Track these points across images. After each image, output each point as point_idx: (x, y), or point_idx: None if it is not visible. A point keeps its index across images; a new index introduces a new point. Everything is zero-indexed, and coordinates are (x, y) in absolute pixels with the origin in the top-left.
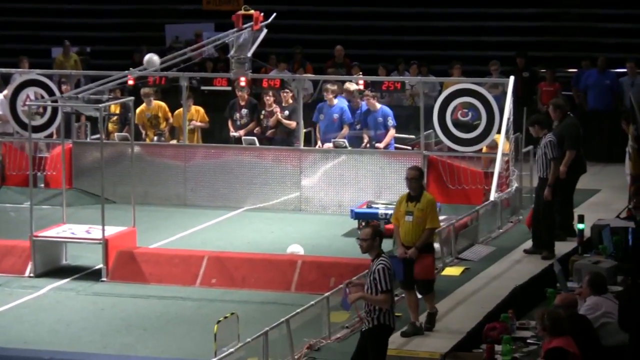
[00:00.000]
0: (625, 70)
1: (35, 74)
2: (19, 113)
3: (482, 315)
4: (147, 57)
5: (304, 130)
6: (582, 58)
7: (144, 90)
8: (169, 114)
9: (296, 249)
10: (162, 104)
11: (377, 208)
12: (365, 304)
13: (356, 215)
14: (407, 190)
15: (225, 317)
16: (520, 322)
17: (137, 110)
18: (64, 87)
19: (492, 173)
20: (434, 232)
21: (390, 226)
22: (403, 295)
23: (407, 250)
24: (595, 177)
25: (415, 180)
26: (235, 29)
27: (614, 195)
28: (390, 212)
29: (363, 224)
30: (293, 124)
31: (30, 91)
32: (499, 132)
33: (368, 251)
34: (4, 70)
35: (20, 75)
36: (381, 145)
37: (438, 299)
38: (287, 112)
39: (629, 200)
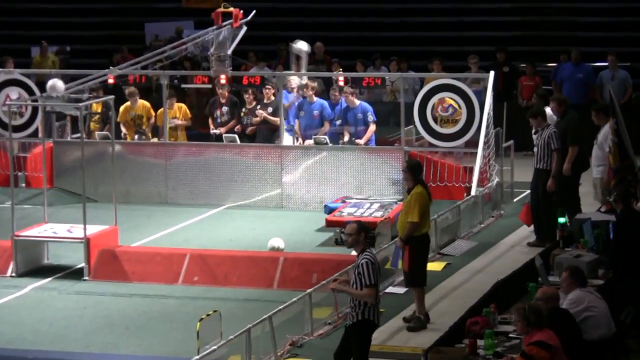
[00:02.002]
0: (606, 63)
1: (17, 74)
2: None
3: (464, 310)
4: (51, 82)
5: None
6: (561, 52)
7: (129, 90)
8: (153, 113)
9: (277, 242)
10: (147, 103)
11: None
12: (350, 299)
13: (330, 210)
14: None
15: (208, 315)
16: (502, 316)
17: (121, 109)
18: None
19: (472, 168)
20: (416, 226)
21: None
22: (387, 291)
23: None
24: None
25: (404, 172)
26: (215, 27)
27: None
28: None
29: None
30: (278, 120)
31: (11, 91)
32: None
33: (353, 246)
34: None
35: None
36: (362, 141)
37: None
38: (270, 109)
39: (603, 194)
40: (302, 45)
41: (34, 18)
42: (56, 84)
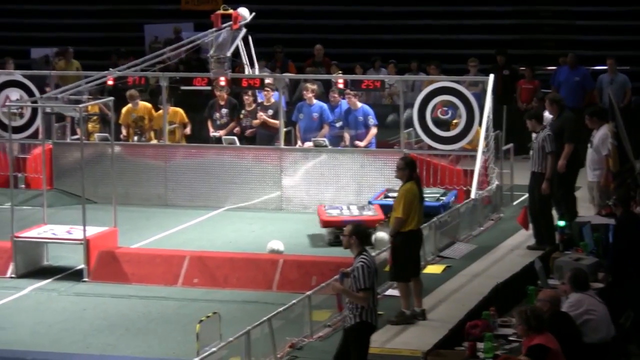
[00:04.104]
0: (605, 67)
1: (18, 75)
2: None
3: (464, 313)
4: None
5: (285, 129)
6: (560, 55)
7: (129, 92)
8: (154, 115)
9: (276, 245)
10: (149, 105)
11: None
12: (348, 301)
13: None
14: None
15: (207, 317)
16: (502, 319)
17: (123, 110)
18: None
19: (472, 171)
20: (400, 221)
21: None
22: (386, 293)
23: None
24: None
25: (397, 169)
26: (214, 29)
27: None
28: None
29: None
30: (278, 123)
31: (11, 92)
32: (479, 125)
33: (348, 248)
34: None
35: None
36: (362, 143)
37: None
38: (270, 112)
39: (601, 197)
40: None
41: (33, 19)
42: None
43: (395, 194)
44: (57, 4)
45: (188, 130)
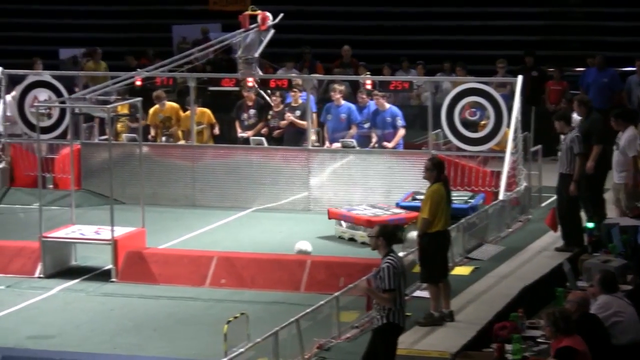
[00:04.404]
0: (634, 68)
1: (47, 76)
2: (27, 114)
3: (492, 315)
4: None
5: (313, 130)
6: (588, 57)
7: (155, 93)
8: (181, 116)
9: (304, 245)
10: (176, 105)
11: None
12: (376, 302)
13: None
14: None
15: (235, 317)
16: (530, 321)
17: (151, 111)
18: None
19: (500, 172)
20: (427, 222)
21: None
22: (414, 294)
23: None
24: None
25: (424, 170)
26: (242, 30)
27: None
28: None
29: None
30: (305, 123)
31: (39, 92)
32: (508, 126)
33: (376, 249)
34: (12, 71)
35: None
36: (390, 144)
37: None
38: (298, 112)
39: (629, 200)
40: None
41: (62, 20)
42: None
43: (422, 197)
44: (85, 4)
45: (217, 130)
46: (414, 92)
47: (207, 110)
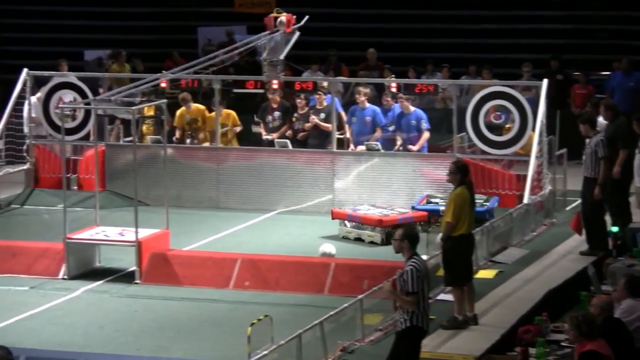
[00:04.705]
0: None
1: (72, 77)
2: (51, 116)
3: (516, 318)
4: None
5: (337, 133)
6: (614, 61)
7: (181, 96)
8: (207, 117)
9: (328, 248)
10: (202, 107)
11: (437, 204)
12: (399, 305)
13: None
14: (452, 190)
15: (259, 320)
16: (554, 324)
17: (177, 113)
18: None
19: (525, 176)
20: (450, 226)
21: None
22: (438, 298)
23: None
24: None
25: (449, 173)
26: (267, 32)
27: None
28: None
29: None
30: (330, 126)
31: (65, 94)
32: (533, 130)
33: (399, 251)
34: (37, 73)
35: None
36: (415, 147)
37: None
38: (322, 115)
39: None
40: None
41: (87, 21)
42: None
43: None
44: (110, 6)
45: (237, 129)
46: (439, 95)
47: (233, 112)
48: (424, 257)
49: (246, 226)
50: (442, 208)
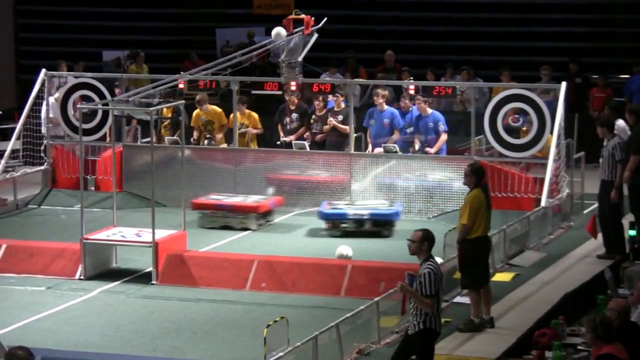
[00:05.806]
0: None
1: (89, 78)
2: (69, 116)
3: (533, 322)
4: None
5: (355, 135)
6: (633, 64)
7: (198, 97)
8: (225, 119)
9: (345, 250)
10: (218, 109)
11: (341, 208)
12: (413, 307)
13: (324, 216)
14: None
15: (275, 321)
16: (570, 328)
17: (194, 114)
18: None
19: (543, 179)
20: (466, 228)
21: None
22: (454, 300)
23: None
24: None
25: (465, 175)
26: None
27: None
28: (355, 211)
29: (330, 224)
30: (348, 128)
31: (81, 94)
32: (551, 133)
33: (416, 254)
34: (56, 73)
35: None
36: (432, 150)
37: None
38: (340, 117)
39: None
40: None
41: (105, 22)
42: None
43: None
44: (129, 7)
45: (256, 130)
46: (458, 98)
47: (254, 114)
48: (439, 259)
49: (263, 227)
50: (350, 212)
